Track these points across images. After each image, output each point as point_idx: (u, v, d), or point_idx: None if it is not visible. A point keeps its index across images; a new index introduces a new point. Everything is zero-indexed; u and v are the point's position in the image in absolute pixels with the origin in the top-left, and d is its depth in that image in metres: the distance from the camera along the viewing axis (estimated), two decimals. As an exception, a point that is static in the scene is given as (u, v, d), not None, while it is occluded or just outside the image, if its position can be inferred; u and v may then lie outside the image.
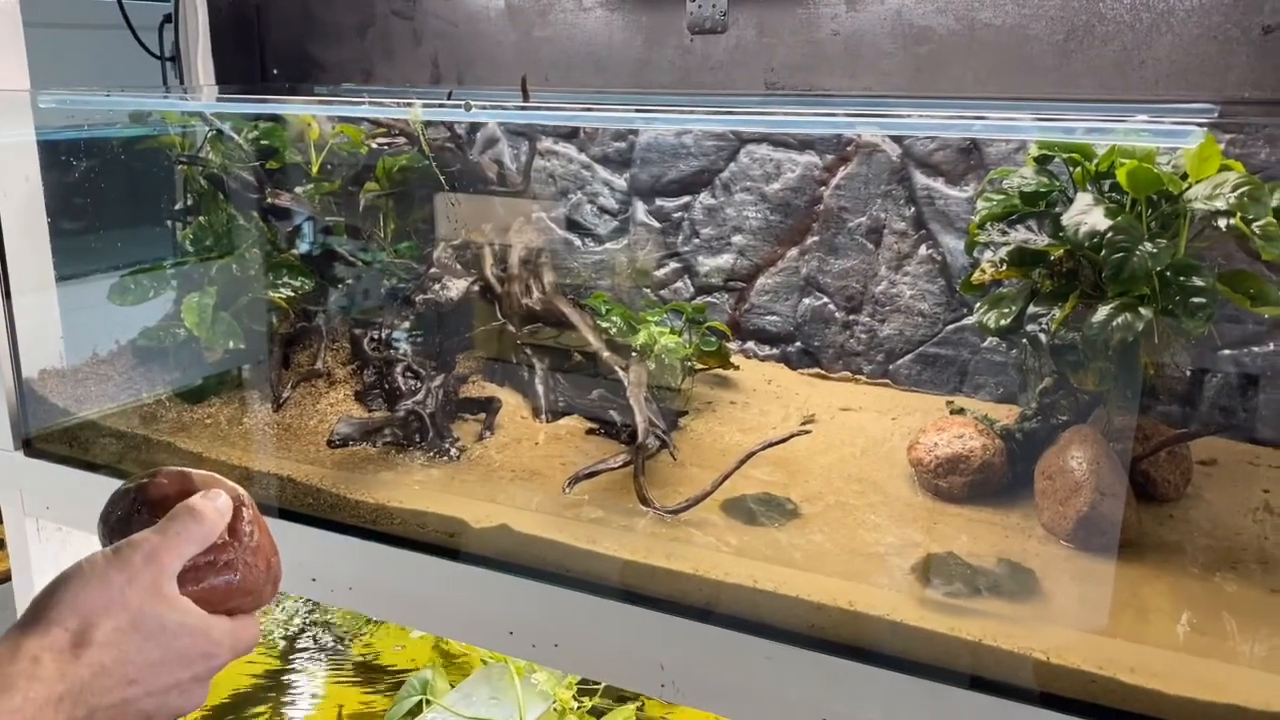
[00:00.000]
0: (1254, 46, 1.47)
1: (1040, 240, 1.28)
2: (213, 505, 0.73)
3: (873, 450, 1.56)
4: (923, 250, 1.75)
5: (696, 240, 1.94)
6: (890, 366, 1.81)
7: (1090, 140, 1.28)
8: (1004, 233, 1.32)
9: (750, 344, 1.93)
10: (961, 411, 1.50)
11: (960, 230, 1.70)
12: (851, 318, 1.83)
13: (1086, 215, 1.20)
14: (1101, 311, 1.22)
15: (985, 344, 1.70)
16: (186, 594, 0.71)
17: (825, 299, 1.85)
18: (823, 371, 1.86)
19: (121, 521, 0.74)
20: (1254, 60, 1.47)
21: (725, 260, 1.93)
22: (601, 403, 1.58)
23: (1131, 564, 1.23)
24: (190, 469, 0.78)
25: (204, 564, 0.72)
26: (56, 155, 1.87)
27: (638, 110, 1.64)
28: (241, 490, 0.77)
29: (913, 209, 1.75)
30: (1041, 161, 1.39)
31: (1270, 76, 1.46)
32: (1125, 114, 1.46)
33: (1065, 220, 1.21)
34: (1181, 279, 1.17)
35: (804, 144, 1.81)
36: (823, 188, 1.81)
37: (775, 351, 1.90)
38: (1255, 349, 1.52)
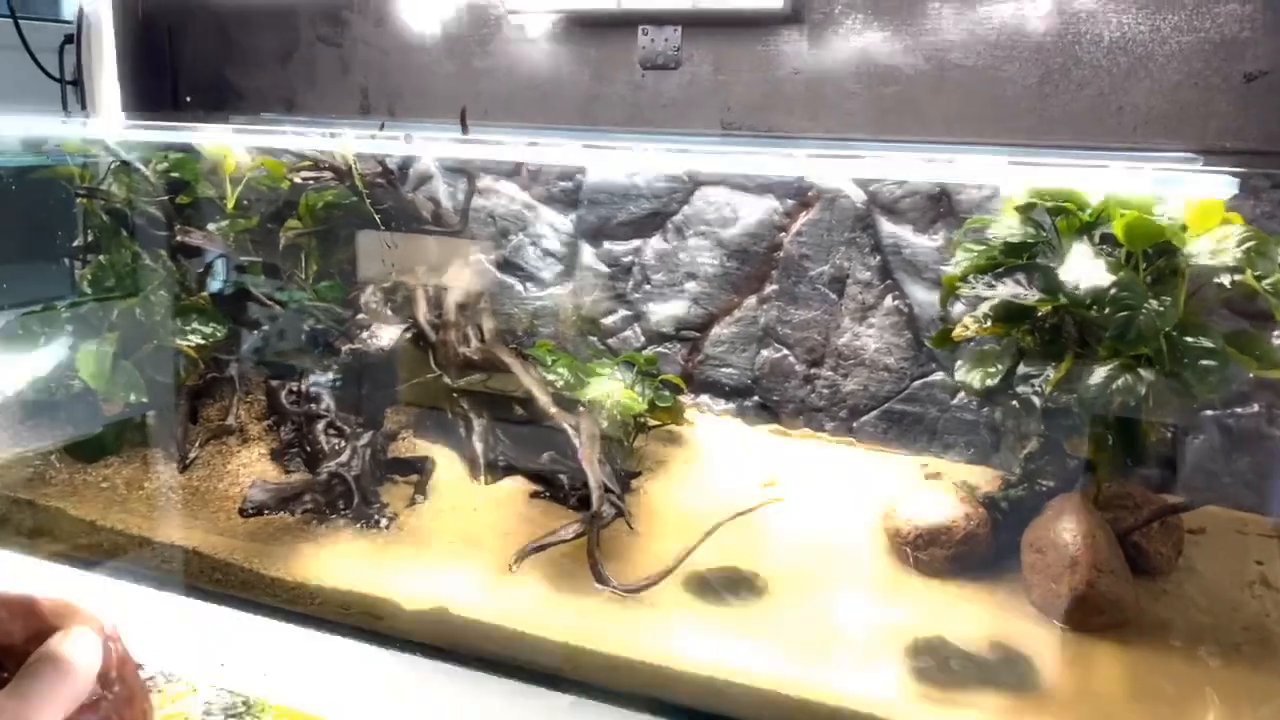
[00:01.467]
0: (1236, 94, 1.41)
1: (1031, 295, 1.19)
2: (79, 651, 0.54)
3: (841, 517, 1.44)
4: (889, 301, 1.66)
5: (647, 286, 1.82)
6: (854, 423, 1.70)
7: (1094, 186, 1.19)
8: (990, 286, 1.22)
9: (704, 398, 1.81)
10: (938, 477, 1.39)
11: (929, 280, 1.61)
12: (813, 371, 1.72)
13: (1086, 270, 1.11)
14: (1099, 372, 1.13)
15: (955, 401, 1.61)
16: None
17: (785, 351, 1.74)
18: (782, 428, 1.75)
19: None
20: (1235, 108, 1.41)
21: (678, 308, 1.81)
22: (550, 463, 1.44)
23: (1133, 647, 1.14)
24: (37, 595, 0.57)
25: None
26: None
27: (586, 146, 1.51)
28: (105, 619, 0.58)
29: (878, 258, 1.65)
30: (1024, 210, 1.31)
31: (1253, 126, 1.41)
32: (1103, 160, 1.39)
33: (1063, 275, 1.12)
34: (1189, 340, 1.08)
35: (763, 187, 1.70)
36: (783, 234, 1.71)
37: (731, 406, 1.79)
38: (1239, 410, 1.45)
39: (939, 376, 1.63)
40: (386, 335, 1.53)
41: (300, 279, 1.78)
